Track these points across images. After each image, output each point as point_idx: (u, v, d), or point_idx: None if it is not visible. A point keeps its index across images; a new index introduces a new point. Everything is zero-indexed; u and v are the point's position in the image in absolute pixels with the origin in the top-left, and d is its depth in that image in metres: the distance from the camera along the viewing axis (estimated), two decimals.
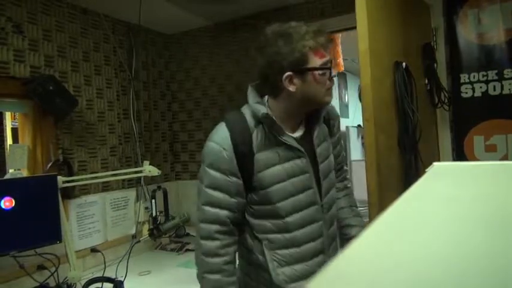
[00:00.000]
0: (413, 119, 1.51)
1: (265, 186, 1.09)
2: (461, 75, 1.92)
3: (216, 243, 1.10)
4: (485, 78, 1.87)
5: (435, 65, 1.87)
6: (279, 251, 1.12)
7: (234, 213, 1.11)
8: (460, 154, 1.92)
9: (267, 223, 1.12)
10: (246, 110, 1.16)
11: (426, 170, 0.53)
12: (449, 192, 0.44)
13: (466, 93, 1.91)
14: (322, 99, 1.11)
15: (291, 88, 1.06)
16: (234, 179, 1.09)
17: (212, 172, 1.09)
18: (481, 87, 1.88)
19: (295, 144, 1.11)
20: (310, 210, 1.14)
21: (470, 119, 1.91)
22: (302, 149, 1.11)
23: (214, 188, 1.09)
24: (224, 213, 1.09)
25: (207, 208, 1.10)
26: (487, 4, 1.85)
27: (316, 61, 1.05)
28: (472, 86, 1.90)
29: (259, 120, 1.10)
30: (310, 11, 2.28)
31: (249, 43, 2.47)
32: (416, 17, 1.84)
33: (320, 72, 1.06)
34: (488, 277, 0.21)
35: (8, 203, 1.59)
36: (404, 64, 1.52)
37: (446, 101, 1.89)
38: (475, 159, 1.89)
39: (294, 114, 1.14)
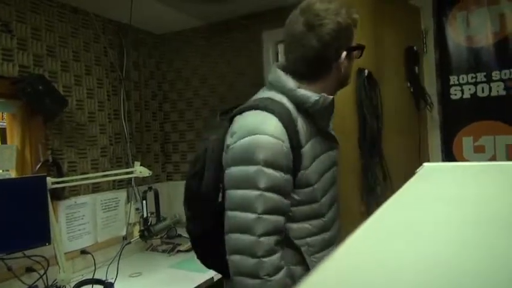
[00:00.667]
0: (370, 124, 1.55)
1: (312, 182, 0.98)
2: (451, 77, 1.95)
3: (278, 255, 0.94)
4: (473, 80, 1.90)
5: (416, 68, 1.90)
6: (317, 255, 1.01)
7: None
8: (449, 155, 1.95)
9: (307, 225, 1.00)
10: (280, 96, 1.00)
11: (416, 170, 0.54)
12: (439, 193, 0.45)
13: (455, 94, 1.94)
14: (349, 80, 1.06)
15: (342, 68, 0.98)
16: (289, 176, 0.95)
17: (271, 171, 0.91)
18: (469, 89, 1.91)
19: (333, 133, 1.03)
20: (335, 205, 1.08)
21: (459, 120, 1.93)
22: (337, 139, 1.04)
23: (274, 191, 0.92)
24: (282, 219, 0.95)
25: (268, 217, 0.91)
26: (475, 7, 1.88)
27: (355, 38, 0.99)
28: (461, 88, 1.92)
29: (305, 108, 0.98)
30: None
31: (241, 43, 2.47)
32: (401, 20, 1.86)
33: (358, 51, 1.01)
34: (477, 278, 0.22)
35: None
36: (366, 71, 1.56)
37: (429, 104, 1.92)
38: (463, 160, 1.91)
39: None
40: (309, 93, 0.98)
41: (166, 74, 2.77)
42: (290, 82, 1.00)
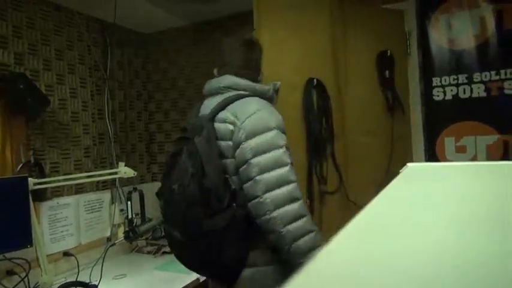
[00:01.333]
0: (313, 128, 1.75)
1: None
2: (434, 79, 1.98)
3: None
4: (455, 81, 1.93)
5: (388, 72, 1.95)
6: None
7: None
8: (432, 155, 1.98)
9: None
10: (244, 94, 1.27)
11: (400, 170, 0.55)
12: (422, 192, 0.46)
13: (438, 96, 1.97)
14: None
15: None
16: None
17: (282, 133, 1.19)
18: (451, 90, 1.94)
19: None
20: None
21: (441, 121, 1.97)
22: None
23: (287, 147, 1.18)
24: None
25: (293, 166, 1.17)
26: (456, 10, 1.92)
27: None
28: (444, 89, 1.96)
29: (265, 97, 1.28)
30: None
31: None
32: (375, 26, 1.94)
33: None
34: (461, 277, 0.22)
35: None
36: (315, 80, 1.77)
37: (401, 107, 1.96)
38: (446, 160, 1.95)
39: None
40: (264, 86, 1.30)
41: (152, 73, 2.74)
42: (247, 82, 1.27)
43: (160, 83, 2.72)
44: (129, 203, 1.91)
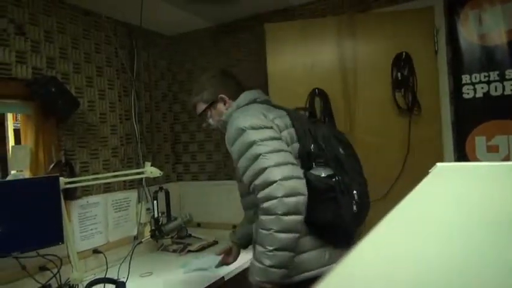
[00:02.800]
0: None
1: None
2: (463, 76, 1.92)
3: None
4: (486, 79, 1.87)
5: (405, 72, 1.97)
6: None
7: None
8: (461, 155, 1.92)
9: None
10: None
11: (430, 170, 0.53)
12: (452, 193, 0.44)
13: (468, 94, 1.91)
14: None
15: None
16: None
17: None
18: (482, 87, 1.88)
19: None
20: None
21: (472, 119, 1.91)
22: None
23: None
24: None
25: None
26: (488, 5, 1.86)
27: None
28: (474, 87, 1.90)
29: None
30: (311, 12, 2.28)
31: (248, 44, 2.48)
32: (392, 29, 2.00)
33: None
34: (493, 277, 0.21)
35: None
36: (317, 90, 2.03)
37: (416, 108, 1.97)
38: (476, 160, 1.89)
39: None
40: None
41: (177, 75, 2.79)
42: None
43: (185, 84, 2.76)
44: (155, 202, 1.95)
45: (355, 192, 1.27)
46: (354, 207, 1.25)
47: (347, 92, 2.08)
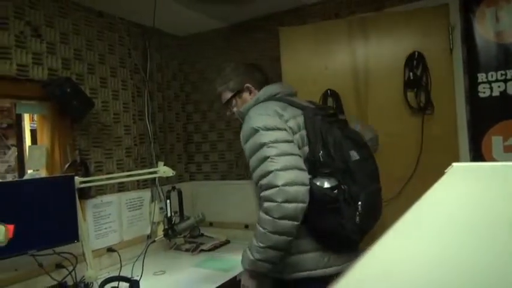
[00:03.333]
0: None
1: None
2: (479, 75, 1.89)
3: None
4: (503, 77, 1.83)
5: (411, 74, 1.96)
6: None
7: None
8: (477, 155, 1.89)
9: None
10: None
11: (445, 170, 0.53)
12: (469, 193, 0.44)
13: (484, 92, 1.88)
14: None
15: None
16: None
17: None
18: (499, 86, 1.84)
19: None
20: None
21: (488, 119, 1.87)
22: None
23: None
24: None
25: None
26: (504, 2, 1.82)
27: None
28: (490, 86, 1.86)
29: None
30: (324, 12, 2.27)
31: (260, 44, 2.48)
32: (404, 29, 2.00)
33: None
34: (502, 279, 0.21)
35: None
36: (329, 91, 2.07)
37: (429, 107, 1.95)
38: (493, 160, 1.85)
39: None
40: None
41: (189, 75, 2.80)
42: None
43: (197, 85, 2.77)
44: (168, 201, 1.96)
45: (360, 203, 1.24)
46: (357, 219, 1.24)
47: (359, 93, 2.08)
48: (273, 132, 1.28)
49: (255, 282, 1.34)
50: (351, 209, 1.24)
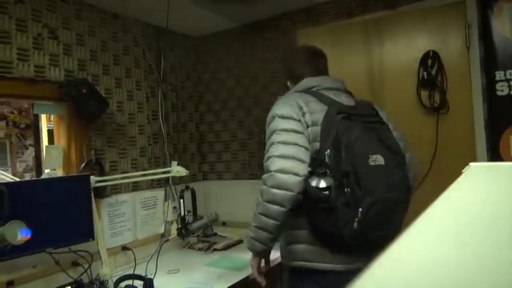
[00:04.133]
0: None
1: None
2: (497, 73, 1.85)
3: None
4: None
5: (425, 73, 1.94)
6: None
7: None
8: (495, 154, 1.85)
9: None
10: None
11: (463, 170, 0.52)
12: (487, 194, 0.43)
13: (502, 91, 1.84)
14: None
15: None
16: None
17: None
18: None
19: None
20: None
21: (506, 117, 1.83)
22: None
23: None
24: None
25: None
26: None
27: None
28: (508, 84, 1.82)
29: None
30: (337, 10, 2.25)
31: (274, 43, 2.47)
32: (419, 29, 1.99)
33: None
34: None
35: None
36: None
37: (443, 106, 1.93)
38: (511, 159, 1.81)
39: None
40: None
41: (202, 75, 2.82)
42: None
43: (210, 85, 2.78)
44: (181, 200, 1.98)
45: (361, 209, 1.18)
46: (355, 224, 1.19)
47: (374, 94, 2.07)
48: (285, 120, 1.32)
49: (257, 260, 1.44)
50: (350, 213, 1.20)
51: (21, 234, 1.29)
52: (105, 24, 2.17)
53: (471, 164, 0.55)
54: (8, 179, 2.53)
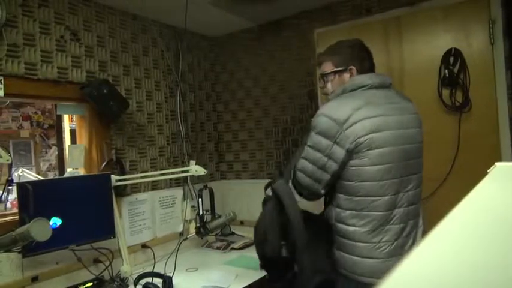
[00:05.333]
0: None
1: None
2: None
3: None
4: None
5: (447, 71, 1.90)
6: None
7: None
8: None
9: None
10: None
11: (488, 170, 0.50)
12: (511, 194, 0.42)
13: None
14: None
15: None
16: None
17: None
18: None
19: None
20: None
21: None
22: None
23: None
24: None
25: None
26: None
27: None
28: None
29: None
30: (355, 9, 2.23)
31: (292, 43, 2.46)
32: (441, 27, 1.95)
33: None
34: None
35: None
36: None
37: (466, 105, 1.88)
38: None
39: None
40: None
41: (220, 75, 2.83)
42: None
43: (228, 84, 2.80)
44: (200, 199, 2.00)
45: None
46: (284, 251, 1.30)
47: None
48: (319, 137, 1.31)
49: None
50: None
51: (45, 230, 1.32)
52: (125, 25, 2.20)
53: (497, 163, 0.54)
54: (33, 178, 2.61)
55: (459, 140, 1.89)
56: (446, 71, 1.92)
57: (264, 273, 1.82)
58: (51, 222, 1.58)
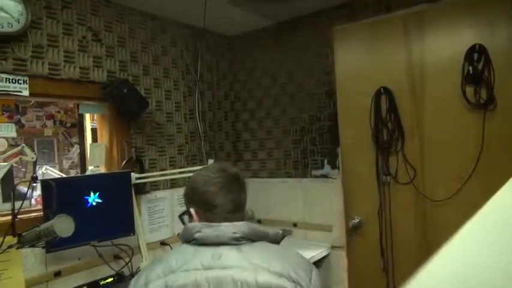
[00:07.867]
0: (382, 131, 2.01)
1: None
2: None
3: None
4: None
5: (471, 68, 1.83)
6: None
7: None
8: None
9: None
10: None
11: None
12: None
13: None
14: None
15: None
16: None
17: None
18: None
19: None
20: None
21: None
22: None
23: None
24: None
25: None
26: None
27: None
28: None
29: None
30: (374, 6, 2.19)
31: (309, 41, 2.45)
32: (468, 19, 1.89)
33: None
34: None
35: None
36: (382, 89, 2.01)
37: (490, 103, 1.81)
38: None
39: None
40: (275, 230, 1.23)
41: (238, 74, 2.84)
42: (260, 227, 1.19)
43: (246, 83, 2.80)
44: None
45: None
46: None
47: (414, 90, 2.00)
48: None
49: None
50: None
51: (68, 227, 1.36)
52: (144, 26, 2.23)
53: None
54: (56, 175, 2.68)
55: (483, 139, 1.84)
56: (470, 67, 1.86)
57: None
58: (90, 200, 1.69)
